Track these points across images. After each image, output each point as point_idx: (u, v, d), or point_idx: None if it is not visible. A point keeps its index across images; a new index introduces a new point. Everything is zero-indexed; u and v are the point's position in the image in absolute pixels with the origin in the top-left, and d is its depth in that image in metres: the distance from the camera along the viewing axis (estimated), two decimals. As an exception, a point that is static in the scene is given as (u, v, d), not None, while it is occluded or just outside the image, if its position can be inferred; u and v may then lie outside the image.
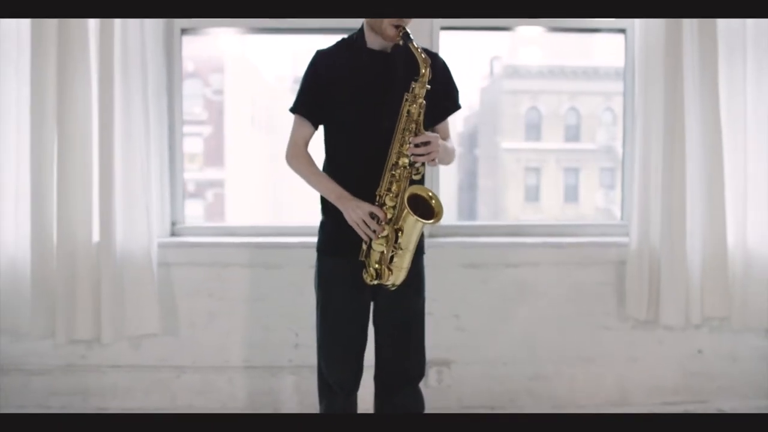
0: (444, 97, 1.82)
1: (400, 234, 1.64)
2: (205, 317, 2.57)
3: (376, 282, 1.68)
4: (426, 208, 1.66)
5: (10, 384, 2.58)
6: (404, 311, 1.81)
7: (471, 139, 18.97)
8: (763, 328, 2.58)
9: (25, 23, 2.39)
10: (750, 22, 2.49)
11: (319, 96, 1.75)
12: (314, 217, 2.00)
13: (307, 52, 1.88)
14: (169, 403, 2.58)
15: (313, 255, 2.39)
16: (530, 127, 17.34)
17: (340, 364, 1.82)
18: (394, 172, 1.66)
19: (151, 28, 2.49)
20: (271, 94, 16.63)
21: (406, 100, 1.66)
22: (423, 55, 1.66)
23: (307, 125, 1.78)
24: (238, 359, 2.58)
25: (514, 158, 17.06)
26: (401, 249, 1.65)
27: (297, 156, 1.80)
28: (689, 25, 2.44)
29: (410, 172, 1.66)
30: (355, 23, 1.88)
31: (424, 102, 1.66)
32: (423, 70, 1.65)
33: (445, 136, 1.84)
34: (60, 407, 2.57)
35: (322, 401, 1.89)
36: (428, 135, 1.66)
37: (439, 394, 2.53)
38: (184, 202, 2.72)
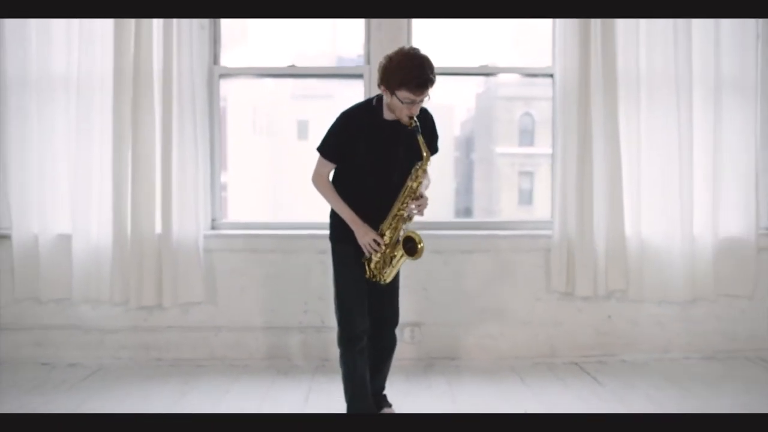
0: (429, 142, 2.54)
1: (393, 258, 2.47)
2: (237, 290, 3.54)
3: (372, 279, 2.51)
4: (412, 246, 2.46)
5: (89, 340, 3.54)
6: (393, 288, 2.63)
7: (467, 144, 19.84)
8: (656, 299, 3.54)
9: (108, 74, 3.36)
10: (643, 66, 3.45)
11: (343, 148, 2.48)
12: (314, 214, 2.97)
13: (305, 58, 2.82)
14: (209, 354, 3.54)
15: (318, 244, 3.37)
16: (524, 132, 18.27)
17: (361, 312, 2.55)
18: (395, 219, 2.48)
19: (198, 73, 3.46)
20: (272, 99, 17.53)
21: (410, 177, 2.45)
22: (425, 152, 2.42)
23: (329, 165, 2.58)
24: (261, 322, 3.55)
25: (508, 162, 17.95)
26: (390, 266, 2.50)
27: (322, 183, 2.57)
28: (596, 69, 3.40)
29: (406, 219, 2.49)
30: (343, 63, 2.83)
31: (422, 181, 2.46)
32: (424, 157, 2.41)
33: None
34: (128, 358, 3.53)
35: (348, 348, 2.51)
36: (423, 199, 2.47)
37: (411, 348, 3.49)
38: (221, 203, 3.69)
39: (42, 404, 2.90)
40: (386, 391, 2.77)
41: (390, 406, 2.72)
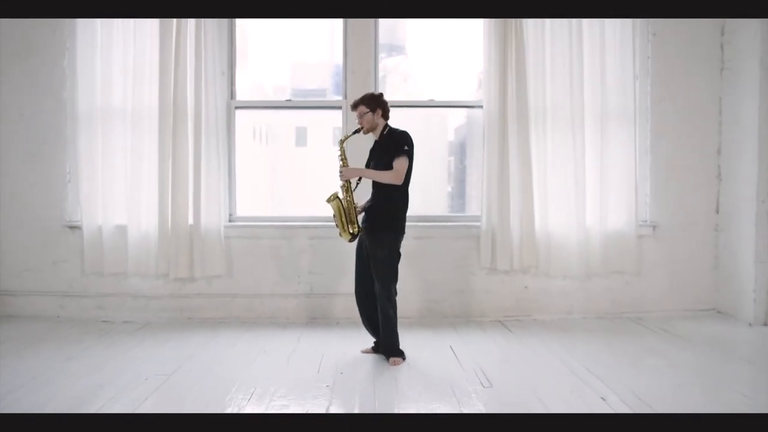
0: (394, 150, 3.74)
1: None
2: (248, 267, 4.85)
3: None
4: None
5: (138, 304, 4.85)
6: (374, 264, 3.79)
7: (461, 149, 21.11)
8: (560, 274, 4.84)
9: (154, 108, 4.67)
10: (548, 100, 4.74)
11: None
12: (305, 210, 4.30)
13: (304, 65, 4.14)
14: (227, 314, 4.84)
15: (309, 232, 4.68)
16: (511, 138, 19.53)
17: (357, 279, 3.88)
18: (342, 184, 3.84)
19: (220, 106, 4.77)
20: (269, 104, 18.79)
21: (341, 157, 3.79)
22: (343, 136, 3.84)
23: None
24: (265, 290, 4.85)
25: (497, 167, 19.26)
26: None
27: None
28: (511, 102, 4.69)
29: (344, 183, 3.82)
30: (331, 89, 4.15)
31: (347, 163, 3.77)
32: (341, 153, 3.79)
33: (395, 168, 3.70)
34: (167, 317, 4.83)
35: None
36: (342, 169, 3.76)
37: (377, 309, 4.78)
38: (236, 202, 5.00)
39: (107, 345, 4.17)
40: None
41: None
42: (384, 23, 5.05)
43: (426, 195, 5.25)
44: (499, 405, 3.04)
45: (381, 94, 3.83)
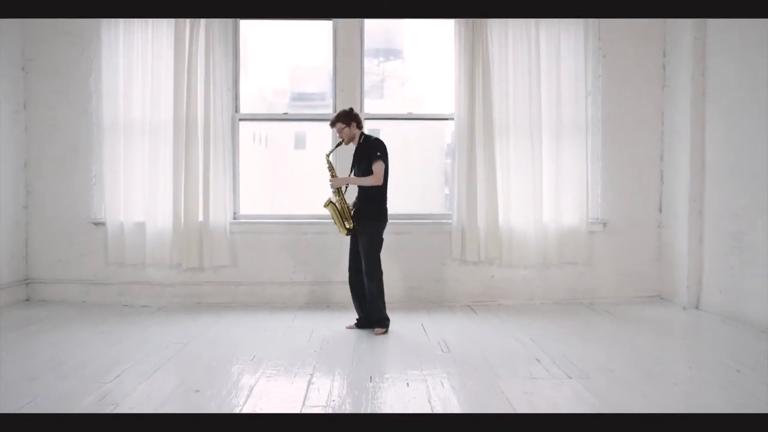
0: (371, 157, 4.56)
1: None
2: (250, 258, 5.62)
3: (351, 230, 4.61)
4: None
5: (153, 291, 5.62)
6: (361, 247, 4.62)
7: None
8: (521, 265, 5.60)
9: (169, 120, 5.44)
10: (511, 113, 5.51)
11: None
12: (301, 209, 5.05)
13: (302, 69, 4.91)
14: (232, 300, 5.60)
15: (302, 228, 5.46)
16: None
17: (350, 261, 4.66)
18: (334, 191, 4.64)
19: (226, 119, 5.54)
20: (270, 108, 19.52)
21: (329, 169, 4.61)
22: (328, 151, 4.65)
23: None
24: (266, 278, 5.62)
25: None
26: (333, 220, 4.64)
27: None
28: (479, 115, 5.46)
29: (335, 190, 4.63)
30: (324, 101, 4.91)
31: (335, 172, 4.58)
32: (329, 165, 4.60)
33: (375, 172, 4.53)
34: (179, 303, 5.59)
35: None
36: (331, 179, 4.58)
37: (362, 295, 5.54)
38: (240, 201, 5.76)
39: (130, 323, 4.92)
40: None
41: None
42: (379, 33, 5.80)
43: (425, 195, 5.98)
44: (453, 364, 3.79)
45: (351, 109, 4.62)
